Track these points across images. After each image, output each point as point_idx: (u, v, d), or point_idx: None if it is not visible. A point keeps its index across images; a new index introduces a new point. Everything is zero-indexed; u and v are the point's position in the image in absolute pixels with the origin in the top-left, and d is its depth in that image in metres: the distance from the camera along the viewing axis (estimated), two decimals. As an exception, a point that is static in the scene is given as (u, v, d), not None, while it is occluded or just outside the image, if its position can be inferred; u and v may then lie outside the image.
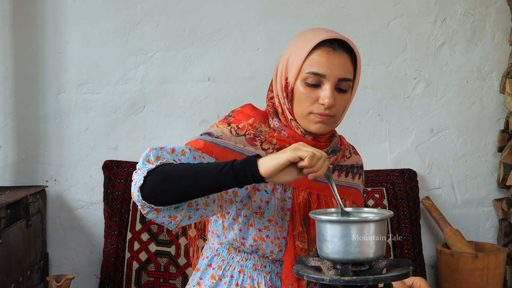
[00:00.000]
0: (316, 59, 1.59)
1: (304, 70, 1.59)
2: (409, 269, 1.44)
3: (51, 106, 2.73)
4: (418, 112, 2.86)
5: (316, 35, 1.61)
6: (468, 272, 2.53)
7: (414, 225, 2.69)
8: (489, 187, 2.91)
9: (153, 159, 1.51)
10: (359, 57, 1.64)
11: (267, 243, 1.67)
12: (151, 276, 2.52)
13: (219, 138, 1.62)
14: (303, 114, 1.63)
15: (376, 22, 2.83)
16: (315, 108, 1.61)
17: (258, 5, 2.78)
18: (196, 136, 1.64)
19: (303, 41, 1.62)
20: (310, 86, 1.60)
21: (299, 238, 1.67)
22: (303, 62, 1.60)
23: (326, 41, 1.60)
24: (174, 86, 2.77)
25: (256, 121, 1.68)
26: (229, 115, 1.73)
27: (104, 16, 2.73)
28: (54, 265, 2.75)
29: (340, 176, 1.77)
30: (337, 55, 1.59)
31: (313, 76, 1.59)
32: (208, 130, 1.66)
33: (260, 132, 1.66)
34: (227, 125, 1.66)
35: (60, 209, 2.75)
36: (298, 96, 1.62)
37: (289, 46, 1.67)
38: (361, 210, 1.55)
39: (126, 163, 2.66)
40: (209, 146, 1.60)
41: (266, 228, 1.66)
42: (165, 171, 1.46)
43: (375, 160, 2.83)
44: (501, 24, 2.87)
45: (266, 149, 1.65)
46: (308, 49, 1.59)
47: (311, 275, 1.42)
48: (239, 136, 1.64)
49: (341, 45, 1.61)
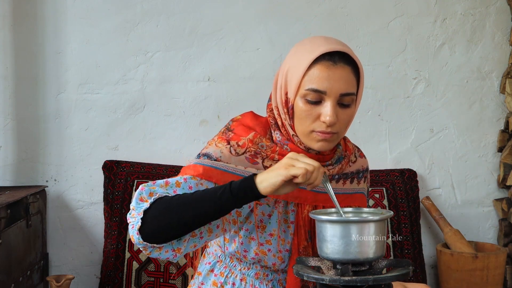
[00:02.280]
0: (315, 75, 1.50)
1: (304, 86, 1.50)
2: (409, 269, 1.44)
3: (51, 106, 2.73)
4: (418, 112, 2.86)
5: (315, 47, 1.52)
6: (468, 272, 2.53)
7: (414, 225, 2.69)
8: (489, 187, 2.91)
9: (146, 197, 1.46)
10: (361, 68, 1.56)
11: (269, 257, 1.64)
12: (151, 276, 2.52)
13: (218, 160, 1.54)
14: (305, 132, 1.55)
15: (376, 22, 2.83)
16: (317, 126, 1.53)
17: (258, 5, 2.78)
18: (194, 160, 1.57)
19: (302, 53, 1.53)
20: (311, 103, 1.51)
21: (304, 252, 1.64)
22: (302, 77, 1.51)
23: (326, 53, 1.50)
24: (174, 86, 2.77)
25: (257, 136, 1.60)
26: (228, 127, 1.64)
27: (104, 16, 2.73)
28: (54, 265, 2.75)
29: (345, 183, 1.71)
30: (338, 69, 1.51)
31: (313, 93, 1.50)
32: (206, 151, 1.58)
33: (261, 148, 1.58)
34: (227, 143, 1.58)
35: (60, 209, 2.75)
36: (298, 113, 1.53)
37: (288, 57, 1.57)
38: (361, 210, 1.55)
39: (126, 163, 2.66)
40: (208, 171, 1.53)
41: (268, 243, 1.62)
42: (162, 207, 1.43)
43: (375, 160, 2.83)
44: (501, 24, 2.87)
45: (268, 166, 1.57)
46: (307, 64, 1.50)
47: (311, 275, 1.42)
48: (239, 155, 1.57)
49: (342, 57, 1.52)
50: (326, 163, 1.62)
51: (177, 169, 2.64)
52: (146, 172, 2.63)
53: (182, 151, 2.77)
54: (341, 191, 1.70)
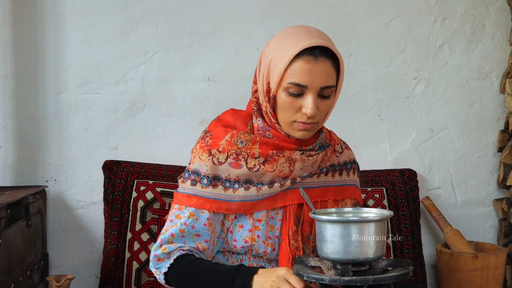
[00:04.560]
0: (297, 69, 1.56)
1: (286, 79, 1.57)
2: (409, 269, 1.44)
3: (51, 106, 2.73)
4: (418, 112, 2.86)
5: (297, 41, 1.57)
6: (468, 272, 2.53)
7: (414, 225, 2.69)
8: (489, 187, 2.91)
9: (163, 257, 1.66)
10: (341, 61, 1.61)
11: (259, 244, 1.67)
12: (151, 276, 2.52)
13: (206, 176, 1.65)
14: (287, 122, 1.63)
15: (376, 22, 2.83)
16: (298, 117, 1.61)
17: (258, 5, 2.78)
18: (182, 188, 1.70)
19: (284, 46, 1.58)
20: (293, 95, 1.59)
21: (294, 237, 1.68)
22: (284, 71, 1.57)
23: (307, 48, 1.56)
24: (174, 86, 2.77)
25: (234, 135, 1.68)
26: (206, 132, 1.72)
27: (104, 16, 2.73)
28: (54, 265, 2.75)
29: (334, 176, 1.77)
30: (319, 64, 1.56)
31: (295, 86, 1.57)
32: (193, 166, 1.69)
33: (241, 146, 1.66)
34: (208, 154, 1.66)
35: (60, 209, 2.75)
36: (281, 104, 1.61)
37: (271, 47, 1.63)
38: (361, 210, 1.56)
39: (126, 163, 2.66)
40: (200, 200, 1.66)
41: (257, 228, 1.67)
42: (178, 280, 1.65)
43: (375, 160, 2.83)
44: (501, 24, 2.87)
45: (251, 168, 1.65)
46: (288, 59, 1.56)
47: (311, 275, 1.42)
48: (222, 164, 1.65)
49: (323, 51, 1.57)
50: (308, 148, 1.69)
51: (177, 169, 2.64)
52: (146, 172, 2.63)
53: (182, 151, 2.77)
54: (332, 183, 1.75)
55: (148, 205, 2.56)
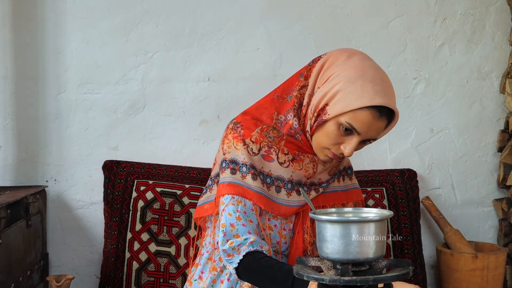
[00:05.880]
0: (361, 117, 1.61)
1: (346, 117, 1.62)
2: (409, 269, 1.44)
3: (51, 106, 2.73)
4: (418, 112, 2.86)
5: (374, 93, 1.60)
6: (468, 272, 2.53)
7: (414, 225, 2.69)
8: (489, 187, 2.91)
9: (232, 252, 1.69)
10: (396, 120, 1.68)
11: (275, 233, 1.70)
12: (151, 276, 2.52)
13: (245, 164, 1.69)
14: (321, 145, 1.69)
15: (376, 22, 2.83)
16: (334, 148, 1.67)
17: (258, 5, 2.78)
18: (226, 178, 1.72)
19: (359, 88, 1.61)
20: (343, 130, 1.65)
21: (308, 231, 1.72)
22: (349, 111, 1.62)
23: None
24: (174, 86, 2.77)
25: (264, 129, 1.73)
26: (236, 123, 1.75)
27: (104, 16, 2.73)
28: (54, 265, 2.75)
29: (339, 181, 1.86)
30: (379, 122, 1.64)
31: (350, 127, 1.63)
32: (230, 156, 1.72)
33: (271, 141, 1.72)
34: (243, 143, 1.71)
35: (60, 209, 2.75)
36: (327, 130, 1.66)
37: (345, 76, 1.63)
38: (361, 210, 1.56)
39: (126, 163, 2.66)
40: (241, 189, 1.71)
41: (275, 218, 1.73)
42: (248, 277, 1.69)
43: (375, 160, 2.83)
44: (501, 24, 2.87)
45: (282, 163, 1.72)
46: (359, 106, 1.60)
47: (311, 275, 1.42)
48: (256, 155, 1.71)
49: (387, 110, 1.64)
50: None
51: (177, 169, 2.64)
52: (146, 172, 2.63)
53: (182, 151, 2.77)
54: (339, 188, 1.85)
55: (148, 205, 2.56)
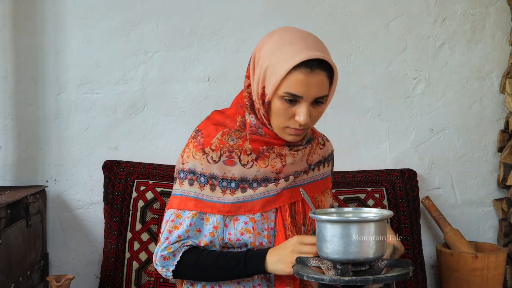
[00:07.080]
0: (294, 80, 1.59)
1: (282, 88, 1.61)
2: (409, 269, 1.44)
3: (51, 106, 2.73)
4: (418, 112, 2.86)
5: (295, 52, 1.60)
6: (468, 272, 2.53)
7: (414, 225, 2.69)
8: (489, 187, 2.91)
9: (168, 255, 1.70)
10: (336, 71, 1.65)
11: (254, 236, 1.69)
12: (151, 276, 2.52)
13: (203, 175, 1.69)
14: (279, 126, 1.68)
15: (376, 22, 2.83)
16: (291, 123, 1.65)
17: (258, 5, 2.78)
18: (178, 189, 1.73)
19: (282, 55, 1.61)
20: (287, 103, 1.63)
21: (289, 227, 1.71)
22: (280, 81, 1.60)
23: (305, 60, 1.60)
24: (174, 86, 2.77)
25: (225, 133, 1.72)
26: (197, 131, 1.76)
27: (104, 16, 2.73)
28: (54, 265, 2.75)
29: (319, 169, 1.83)
30: (315, 76, 1.60)
31: (290, 96, 1.61)
32: (187, 167, 1.72)
33: (233, 143, 1.70)
34: (202, 153, 1.70)
35: (60, 209, 2.75)
36: (274, 110, 1.65)
37: (267, 52, 1.64)
38: (361, 210, 1.56)
39: (126, 163, 2.66)
40: (200, 203, 1.70)
41: (252, 220, 1.71)
42: (188, 273, 1.71)
43: (375, 160, 2.83)
44: (501, 24, 2.87)
45: (245, 164, 1.70)
46: (285, 70, 1.59)
47: (311, 275, 1.42)
48: (217, 162, 1.70)
49: (319, 63, 1.60)
50: (297, 144, 1.75)
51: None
52: (146, 172, 2.63)
53: (182, 151, 2.77)
54: (318, 177, 1.83)
55: (148, 205, 2.56)
